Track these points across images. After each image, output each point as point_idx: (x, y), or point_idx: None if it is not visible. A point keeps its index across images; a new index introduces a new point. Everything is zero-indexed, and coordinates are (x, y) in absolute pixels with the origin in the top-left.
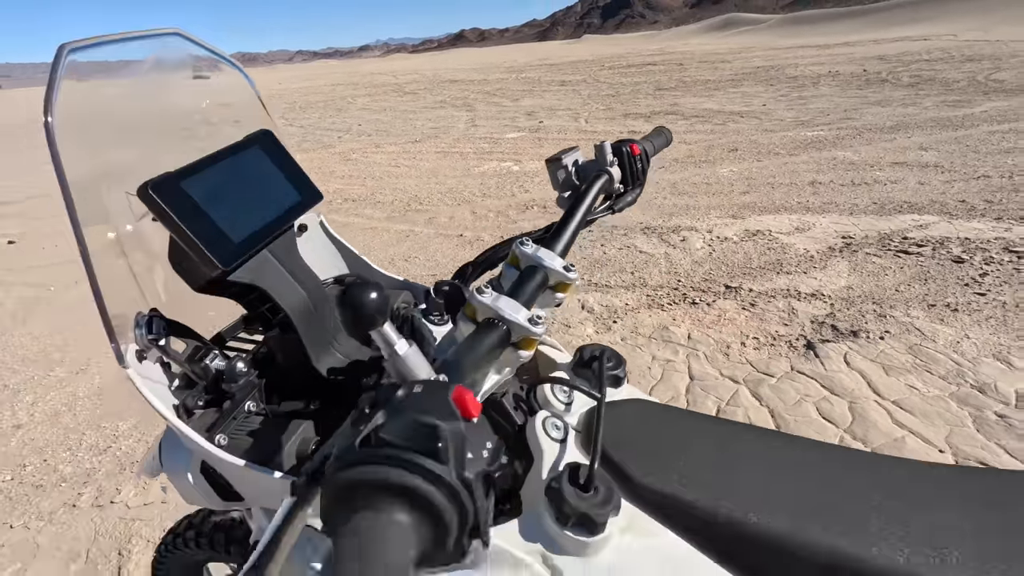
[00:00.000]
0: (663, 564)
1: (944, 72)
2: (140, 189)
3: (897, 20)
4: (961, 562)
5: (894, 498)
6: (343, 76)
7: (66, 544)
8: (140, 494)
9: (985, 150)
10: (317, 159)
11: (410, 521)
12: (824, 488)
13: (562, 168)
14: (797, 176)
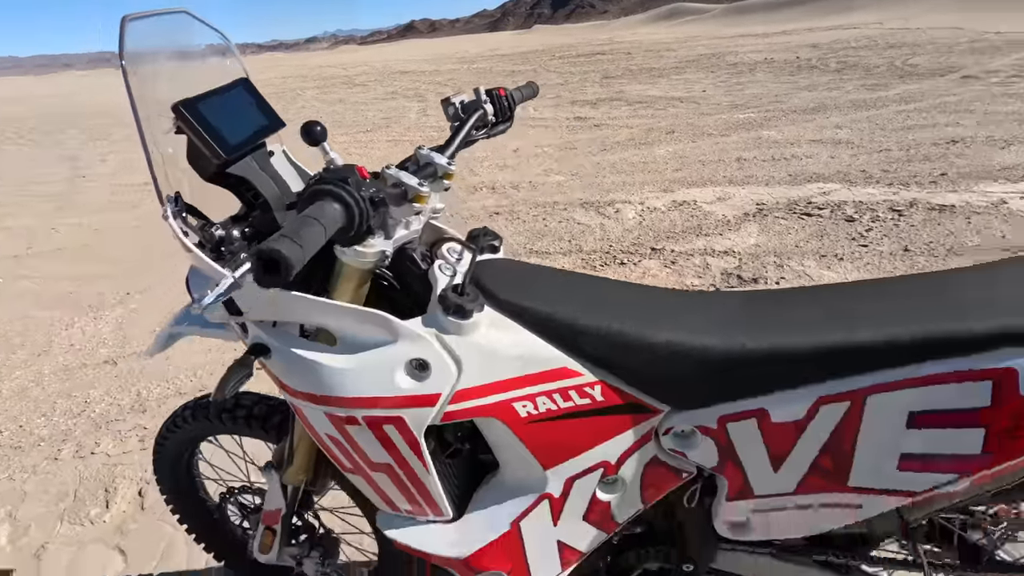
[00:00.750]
0: (515, 345)
1: (867, 58)
2: (172, 106)
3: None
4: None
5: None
6: (291, 69)
7: (53, 488)
8: (119, 444)
9: (891, 127)
10: None
11: (337, 210)
12: (644, 300)
13: (451, 105)
14: (726, 154)
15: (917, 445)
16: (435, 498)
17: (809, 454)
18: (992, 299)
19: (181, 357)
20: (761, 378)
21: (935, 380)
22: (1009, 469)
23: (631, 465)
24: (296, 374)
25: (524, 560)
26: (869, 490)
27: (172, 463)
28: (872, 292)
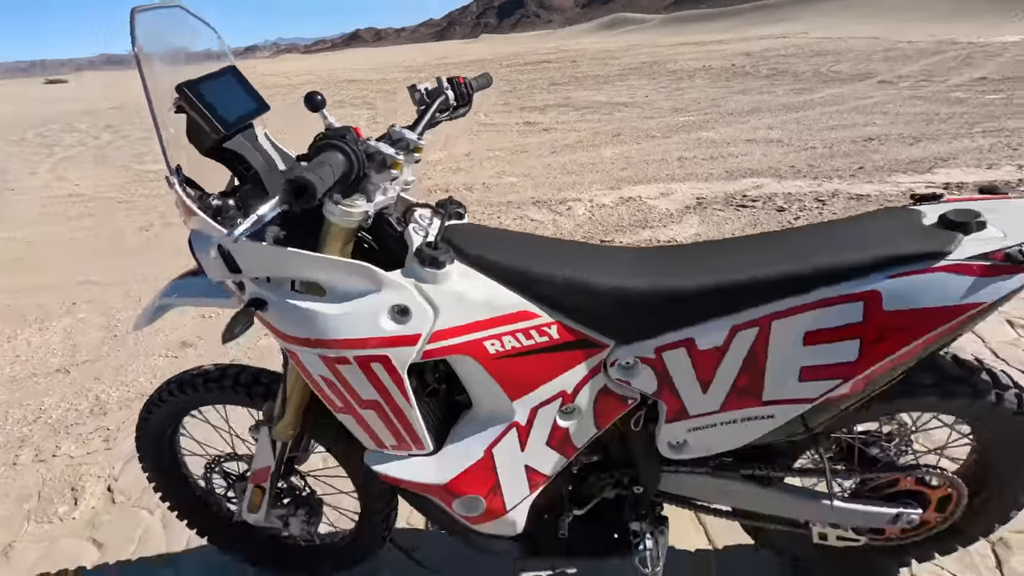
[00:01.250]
0: (482, 292)
1: (796, 65)
2: (177, 87)
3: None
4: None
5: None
6: None
7: (14, 492)
8: (82, 446)
9: (816, 127)
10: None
11: (341, 158)
12: (590, 254)
13: (417, 91)
14: (668, 154)
15: (811, 359)
16: (417, 432)
17: (730, 375)
18: (860, 239)
19: (143, 360)
20: (687, 312)
21: (821, 304)
22: (877, 372)
23: (585, 394)
24: (292, 322)
25: (497, 483)
26: (778, 401)
27: (155, 440)
28: (770, 240)
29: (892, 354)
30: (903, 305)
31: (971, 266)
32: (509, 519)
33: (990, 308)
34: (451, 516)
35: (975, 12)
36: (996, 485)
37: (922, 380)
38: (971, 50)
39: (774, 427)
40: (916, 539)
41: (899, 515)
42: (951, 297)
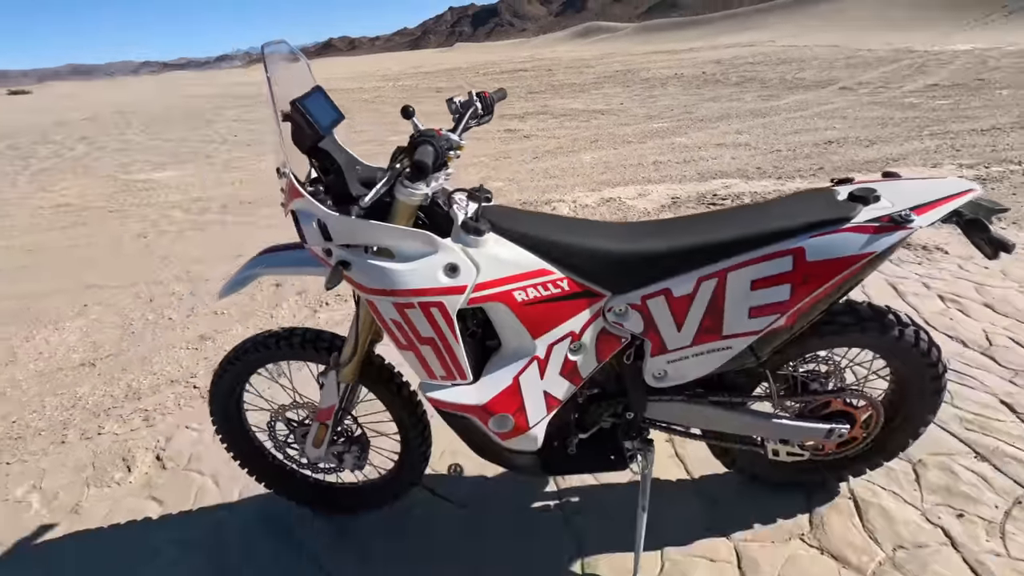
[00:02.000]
0: (511, 254)
1: (763, 73)
2: (291, 102)
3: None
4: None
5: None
6: (203, 88)
7: (69, 463)
8: (123, 425)
9: (781, 132)
10: (200, 170)
11: (431, 151)
12: (591, 226)
13: (453, 102)
14: (644, 158)
15: (757, 300)
16: (462, 364)
17: (697, 316)
18: (791, 211)
19: (165, 353)
20: (664, 269)
21: (763, 259)
22: (804, 307)
23: (589, 333)
24: (372, 277)
25: (522, 405)
26: (734, 335)
27: (226, 397)
28: (725, 214)
29: (814, 292)
30: (821, 256)
31: (867, 227)
32: (531, 434)
33: (881, 256)
34: (485, 436)
35: (930, 21)
36: (907, 409)
37: (845, 320)
38: (925, 58)
39: (732, 356)
40: (849, 455)
41: (832, 430)
42: (853, 249)
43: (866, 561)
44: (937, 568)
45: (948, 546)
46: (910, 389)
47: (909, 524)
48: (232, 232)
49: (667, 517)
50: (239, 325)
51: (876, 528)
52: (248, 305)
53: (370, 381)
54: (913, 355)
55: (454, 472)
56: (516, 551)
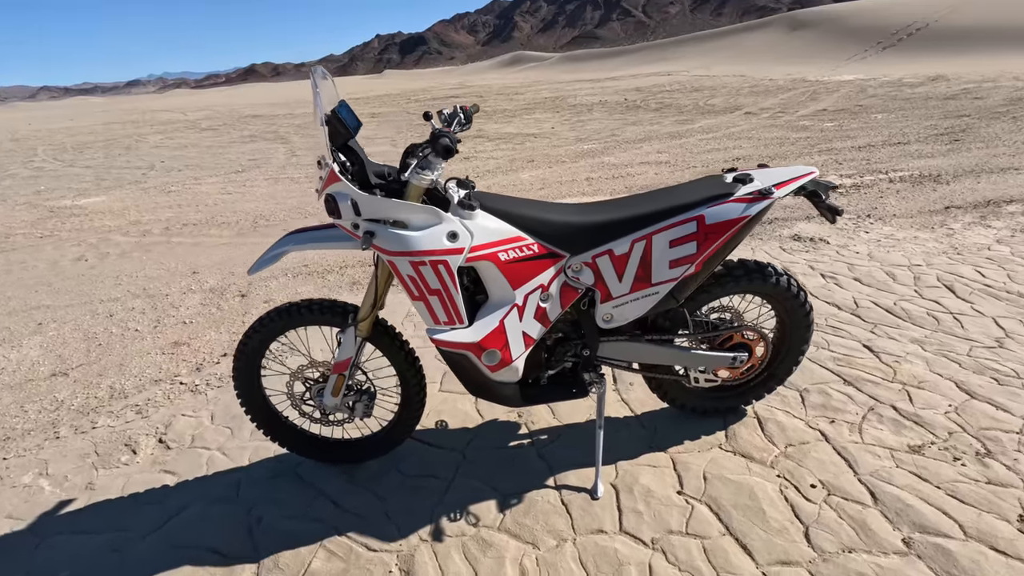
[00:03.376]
0: (495, 225)
1: (679, 99)
2: (332, 110)
3: (648, 59)
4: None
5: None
6: (117, 114)
7: (71, 452)
8: (116, 419)
9: (696, 151)
10: (131, 195)
11: (449, 141)
12: (554, 206)
13: (441, 113)
14: (577, 175)
15: (674, 255)
16: (460, 310)
17: (633, 269)
18: (694, 190)
19: (141, 359)
20: (607, 235)
21: (676, 224)
22: (706, 257)
23: (555, 286)
24: (393, 243)
25: (507, 342)
26: (660, 282)
27: (249, 362)
28: (649, 194)
29: (713, 245)
30: (716, 220)
31: (745, 198)
32: (514, 367)
33: (756, 218)
34: (478, 371)
35: (820, 54)
36: (788, 341)
37: (738, 273)
38: (817, 87)
39: (659, 300)
40: (750, 383)
41: (735, 357)
42: (736, 213)
43: (766, 456)
44: (815, 455)
45: (823, 440)
46: (789, 325)
47: (796, 430)
48: (181, 252)
49: (617, 442)
50: (212, 331)
51: (773, 434)
52: (216, 315)
53: (378, 340)
54: (788, 298)
55: (440, 426)
56: (501, 478)
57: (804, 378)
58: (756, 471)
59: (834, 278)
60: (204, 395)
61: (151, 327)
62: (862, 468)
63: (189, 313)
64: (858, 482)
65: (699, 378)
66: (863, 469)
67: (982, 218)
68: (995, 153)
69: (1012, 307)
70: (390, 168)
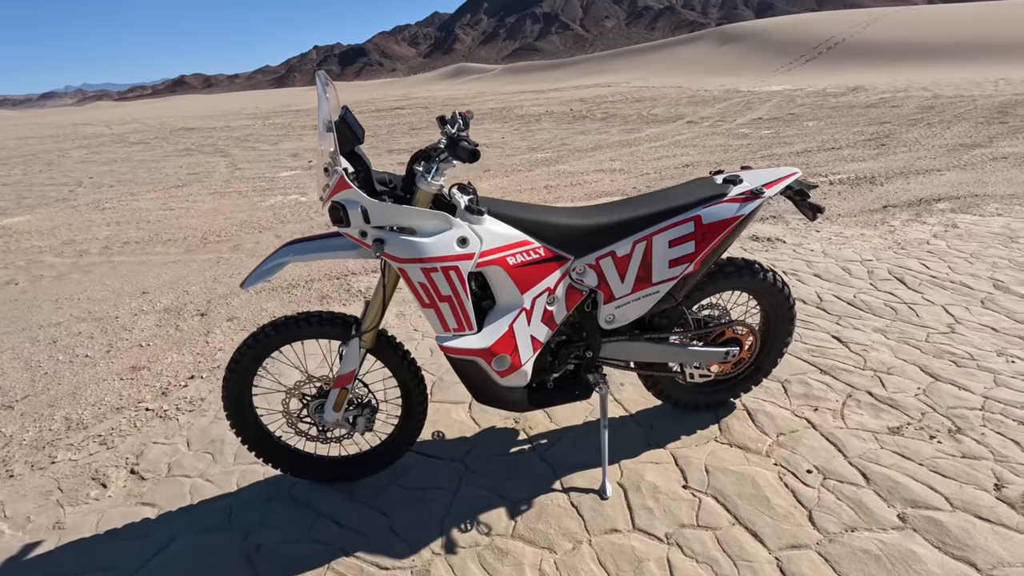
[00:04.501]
0: (502, 230)
1: (622, 110)
2: (339, 117)
3: (590, 71)
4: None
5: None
6: (32, 128)
7: (30, 491)
8: (78, 452)
9: (647, 158)
10: (60, 214)
11: (468, 145)
12: (558, 209)
13: (443, 119)
14: (535, 184)
15: (673, 254)
16: (470, 316)
17: (634, 270)
18: (689, 192)
19: (97, 386)
20: (610, 236)
21: (675, 224)
22: (704, 256)
23: (560, 289)
24: (405, 250)
25: (516, 346)
26: (660, 281)
27: (241, 380)
28: (646, 197)
29: (710, 244)
30: (712, 220)
31: (737, 198)
32: (523, 371)
33: (749, 217)
34: (486, 377)
35: (749, 65)
36: (773, 335)
37: (728, 271)
38: (750, 97)
39: (659, 299)
40: (739, 376)
41: (728, 352)
42: (731, 213)
43: (760, 446)
44: (806, 442)
45: (811, 428)
46: (774, 319)
47: (784, 419)
48: (125, 272)
49: (616, 441)
50: (173, 353)
51: (763, 425)
52: (175, 336)
53: (381, 351)
54: (773, 292)
55: (437, 436)
56: (507, 484)
57: (784, 370)
58: (754, 461)
59: (796, 275)
60: (175, 421)
61: (103, 352)
62: (851, 451)
63: (144, 335)
64: (849, 465)
65: (693, 374)
66: (852, 452)
67: (917, 215)
68: (918, 156)
69: (957, 295)
70: (391, 175)
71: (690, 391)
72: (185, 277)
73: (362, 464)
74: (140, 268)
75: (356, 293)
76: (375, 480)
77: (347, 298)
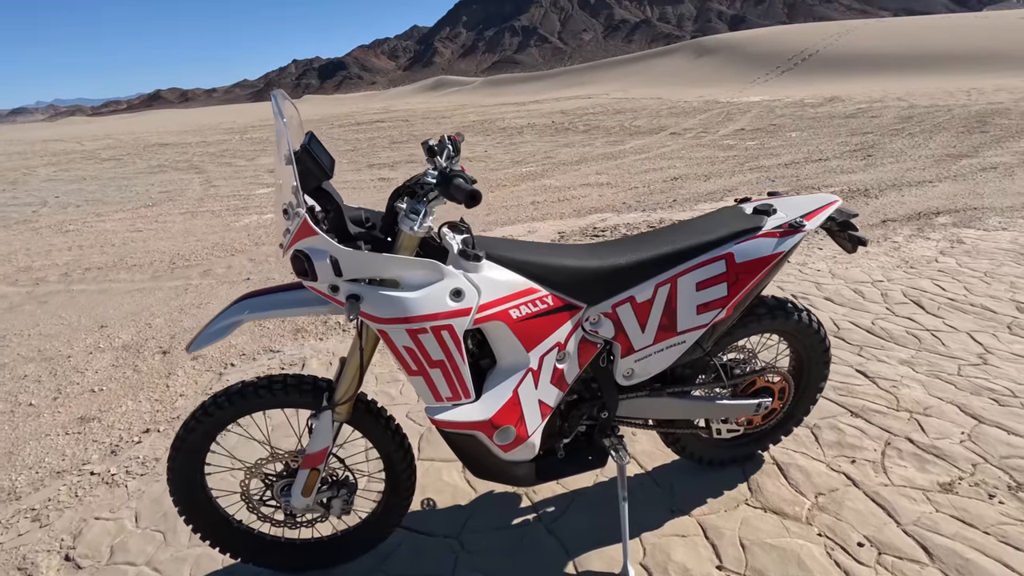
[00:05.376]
0: (503, 277)
1: (604, 121)
2: (302, 147)
3: (569, 83)
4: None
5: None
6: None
7: None
8: (7, 532)
9: (633, 171)
10: (19, 237)
11: (463, 181)
12: (565, 249)
13: (428, 145)
14: (521, 199)
15: (702, 298)
16: (467, 383)
17: (657, 317)
18: (716, 224)
19: (39, 443)
20: (628, 279)
21: (703, 264)
22: (738, 300)
23: (572, 343)
24: (386, 308)
25: (522, 415)
26: (687, 330)
27: (189, 464)
28: (667, 231)
29: (745, 287)
30: (746, 258)
31: (774, 232)
32: (530, 443)
33: (788, 254)
34: (486, 452)
35: (726, 77)
36: (806, 380)
37: (760, 312)
38: (729, 108)
39: (685, 349)
40: (768, 427)
41: (760, 403)
42: (768, 250)
43: (799, 510)
44: (850, 504)
45: (852, 486)
46: (808, 362)
47: (821, 475)
48: (84, 302)
49: (634, 506)
50: (128, 400)
51: (799, 482)
52: (132, 379)
53: (360, 421)
54: (809, 333)
55: (427, 506)
56: (511, 567)
57: (812, 413)
58: (794, 531)
59: (806, 298)
60: (124, 487)
61: (49, 400)
62: (903, 517)
63: (98, 378)
64: (904, 534)
65: (720, 429)
66: (904, 518)
67: (919, 230)
68: (907, 167)
69: (980, 320)
70: (368, 212)
71: (714, 446)
72: (149, 308)
73: (339, 548)
74: (101, 298)
75: (334, 326)
76: (356, 566)
77: (324, 331)
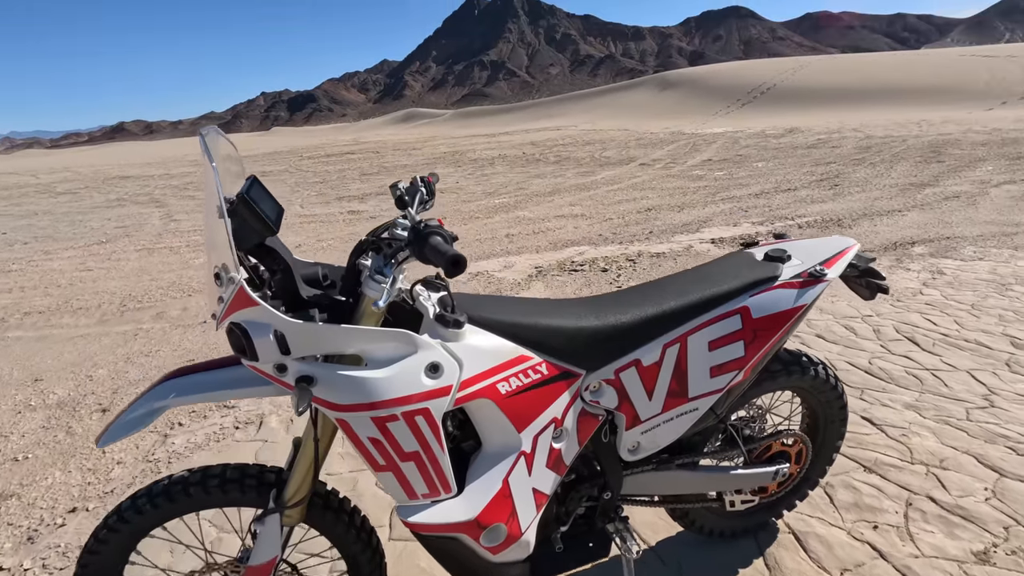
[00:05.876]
0: (489, 344)
1: (574, 152)
2: (238, 195)
3: (538, 116)
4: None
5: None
6: None
7: None
8: None
9: (606, 202)
10: None
11: (440, 239)
12: (557, 306)
13: (397, 188)
14: (495, 232)
15: (716, 360)
16: (447, 475)
17: (665, 382)
18: (725, 274)
19: None
20: (631, 339)
21: (715, 320)
22: (757, 359)
23: (570, 417)
24: (344, 391)
25: (514, 509)
26: (699, 396)
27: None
28: (671, 282)
29: (764, 346)
30: (764, 312)
31: (794, 283)
32: (524, 540)
33: (809, 307)
34: (471, 555)
35: (689, 109)
36: (821, 439)
37: (774, 368)
38: (695, 139)
39: (698, 417)
40: (783, 493)
41: (777, 471)
42: (788, 303)
43: None
44: None
45: (880, 559)
46: (823, 420)
47: (843, 546)
48: (20, 352)
49: None
50: (56, 470)
51: (820, 557)
52: (63, 443)
53: (317, 519)
54: (825, 389)
55: None
56: None
57: None
58: None
59: (798, 336)
60: None
61: None
62: None
63: (24, 444)
64: None
65: (735, 501)
66: None
67: (898, 261)
68: (874, 197)
69: (978, 357)
70: (326, 268)
71: (725, 517)
72: (92, 357)
73: None
74: (39, 346)
75: None
76: None
77: None
